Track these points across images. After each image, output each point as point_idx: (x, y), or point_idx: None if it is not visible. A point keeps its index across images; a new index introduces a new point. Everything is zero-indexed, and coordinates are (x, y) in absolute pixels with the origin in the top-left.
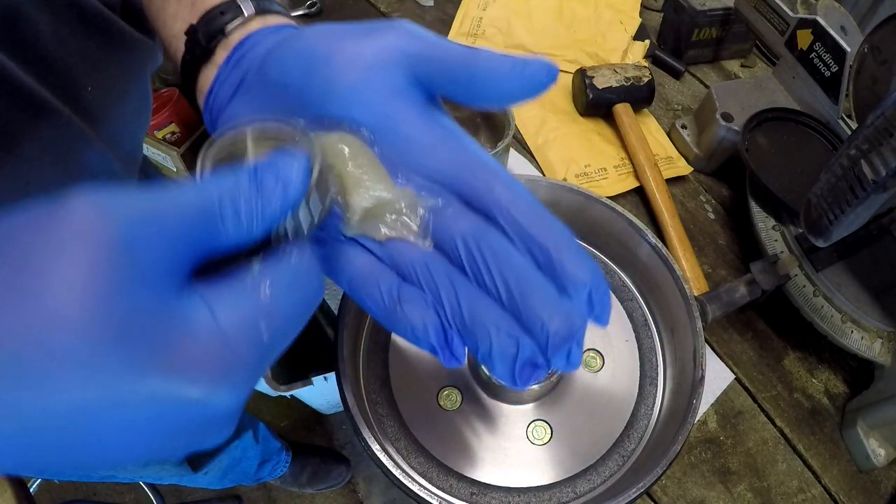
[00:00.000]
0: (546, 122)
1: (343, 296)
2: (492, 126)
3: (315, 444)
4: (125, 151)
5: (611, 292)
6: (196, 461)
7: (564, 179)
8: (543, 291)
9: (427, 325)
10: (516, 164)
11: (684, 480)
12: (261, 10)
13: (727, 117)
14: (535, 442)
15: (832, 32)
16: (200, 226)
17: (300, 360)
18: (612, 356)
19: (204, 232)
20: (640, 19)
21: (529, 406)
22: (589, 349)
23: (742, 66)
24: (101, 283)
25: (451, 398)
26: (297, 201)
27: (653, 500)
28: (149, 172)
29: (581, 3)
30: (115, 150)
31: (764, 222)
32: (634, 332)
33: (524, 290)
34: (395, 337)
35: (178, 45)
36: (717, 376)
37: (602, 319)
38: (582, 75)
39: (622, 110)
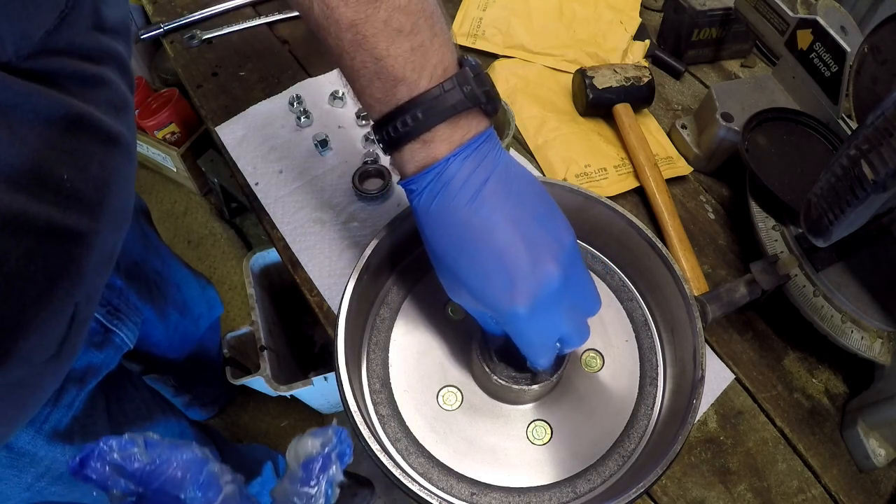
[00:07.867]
0: (546, 122)
1: (342, 296)
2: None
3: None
4: None
5: (609, 292)
6: None
7: (564, 179)
8: None
9: None
10: None
11: (684, 480)
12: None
13: (727, 117)
14: (535, 442)
15: (832, 32)
16: None
17: (300, 360)
18: (612, 356)
19: None
20: (640, 19)
21: (529, 406)
22: (589, 349)
23: (742, 66)
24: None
25: (451, 398)
26: None
27: (653, 500)
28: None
29: (581, 3)
30: None
31: (764, 222)
32: (634, 332)
33: None
34: (395, 337)
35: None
36: (717, 376)
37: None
38: (582, 75)
39: (622, 110)
